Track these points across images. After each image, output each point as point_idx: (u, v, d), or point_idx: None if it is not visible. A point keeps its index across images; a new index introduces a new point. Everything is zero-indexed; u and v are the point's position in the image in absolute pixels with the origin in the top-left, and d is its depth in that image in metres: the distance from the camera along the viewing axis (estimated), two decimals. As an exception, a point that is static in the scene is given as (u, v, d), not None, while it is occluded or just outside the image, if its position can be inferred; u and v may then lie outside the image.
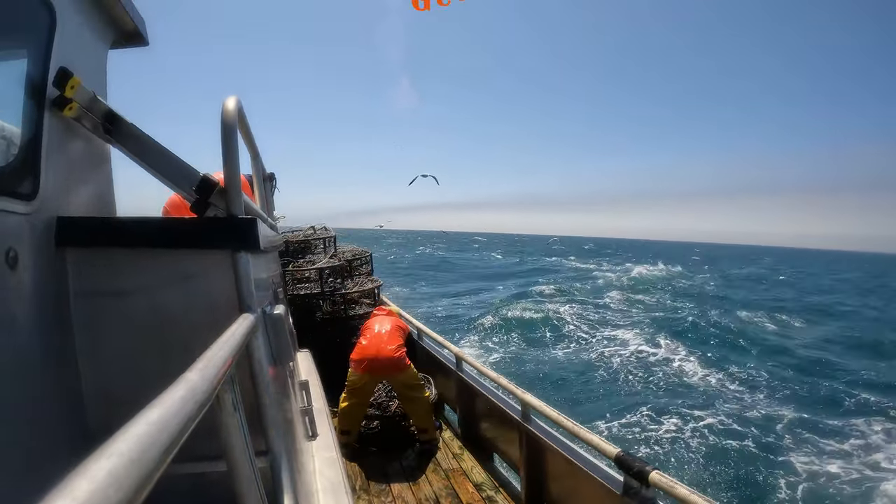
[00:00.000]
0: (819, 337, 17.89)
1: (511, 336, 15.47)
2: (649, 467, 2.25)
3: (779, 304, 25.95)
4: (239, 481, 0.78)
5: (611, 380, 11.70)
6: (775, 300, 28.00)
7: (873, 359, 14.77)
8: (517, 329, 16.09)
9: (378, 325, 4.35)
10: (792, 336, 17.85)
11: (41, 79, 1.27)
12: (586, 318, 18.48)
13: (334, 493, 1.71)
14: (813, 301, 29.38)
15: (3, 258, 1.09)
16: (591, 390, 10.96)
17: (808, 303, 28.28)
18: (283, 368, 1.67)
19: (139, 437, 0.33)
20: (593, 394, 10.77)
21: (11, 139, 1.22)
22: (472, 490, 3.65)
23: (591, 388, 11.08)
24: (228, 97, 1.21)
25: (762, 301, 26.75)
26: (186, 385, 0.48)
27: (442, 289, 28.04)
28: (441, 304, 21.89)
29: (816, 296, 32.99)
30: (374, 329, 4.31)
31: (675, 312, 20.57)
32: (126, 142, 1.48)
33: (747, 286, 36.48)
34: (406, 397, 4.26)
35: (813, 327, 19.98)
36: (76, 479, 0.25)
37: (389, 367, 4.12)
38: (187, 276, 1.34)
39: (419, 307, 19.51)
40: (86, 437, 1.27)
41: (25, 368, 1.12)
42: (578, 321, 17.80)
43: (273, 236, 2.00)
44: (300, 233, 6.62)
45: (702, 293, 28.61)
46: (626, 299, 24.27)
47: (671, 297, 25.81)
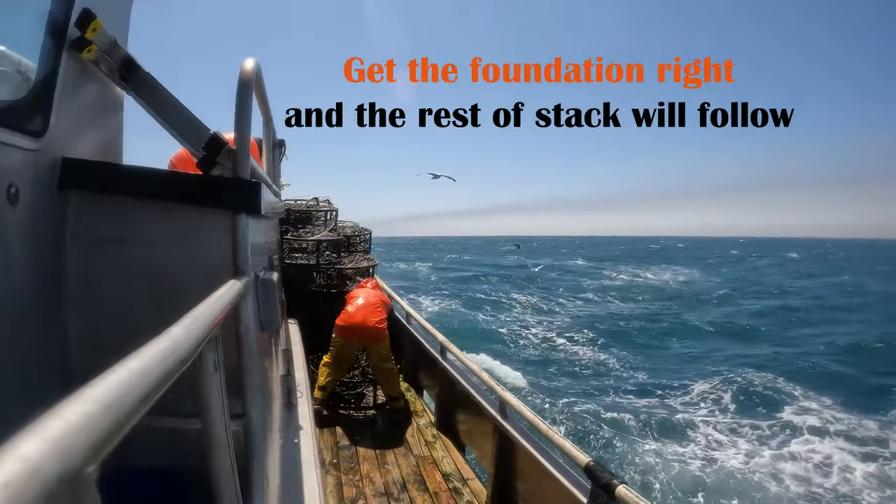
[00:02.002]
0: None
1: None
2: (616, 481, 2.26)
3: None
4: (211, 441, 0.79)
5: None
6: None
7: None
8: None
9: (364, 296, 4.67)
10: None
11: (63, 18, 1.26)
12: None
13: (305, 464, 1.73)
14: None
15: (4, 193, 1.08)
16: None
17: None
18: (269, 335, 1.68)
19: (118, 384, 0.33)
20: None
21: (27, 74, 1.21)
22: (439, 479, 3.69)
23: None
24: (248, 59, 1.20)
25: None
26: (170, 339, 0.48)
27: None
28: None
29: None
30: (359, 299, 4.63)
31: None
32: (141, 90, 1.47)
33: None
34: (379, 368, 4.61)
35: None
36: (49, 419, 0.25)
37: (371, 336, 4.46)
38: (186, 232, 1.34)
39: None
40: (68, 382, 1.27)
41: (15, 308, 1.12)
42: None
43: (275, 202, 2.00)
44: (303, 202, 6.60)
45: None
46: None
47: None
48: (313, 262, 5.65)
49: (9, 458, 0.21)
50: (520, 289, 28.69)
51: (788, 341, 16.54)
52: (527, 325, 18.54)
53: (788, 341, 16.54)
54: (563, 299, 25.80)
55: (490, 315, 20.57)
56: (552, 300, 25.32)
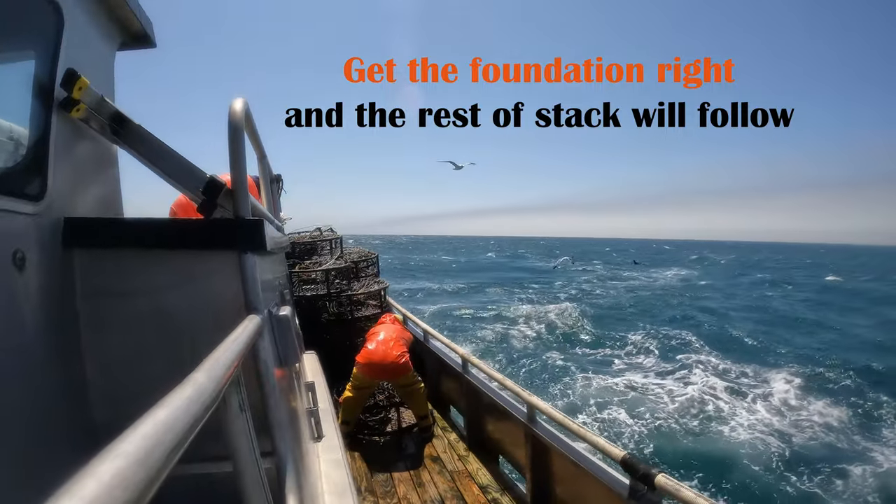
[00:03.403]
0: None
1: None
2: (655, 470, 2.23)
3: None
4: (245, 482, 0.78)
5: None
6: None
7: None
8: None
9: (384, 332, 4.62)
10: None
11: (49, 80, 1.27)
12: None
13: (340, 494, 1.71)
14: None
15: (10, 259, 1.09)
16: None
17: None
18: (290, 369, 1.67)
19: (146, 437, 0.33)
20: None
21: (19, 140, 1.23)
22: (477, 492, 3.64)
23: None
24: (236, 99, 1.22)
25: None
26: (193, 386, 0.48)
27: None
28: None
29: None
30: (380, 335, 4.57)
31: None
32: (134, 143, 1.49)
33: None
34: (406, 393, 4.60)
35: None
36: (83, 479, 0.25)
37: (393, 371, 4.41)
38: (194, 277, 1.34)
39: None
40: (92, 438, 1.27)
41: (32, 369, 1.13)
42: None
43: (280, 237, 2.01)
44: (307, 234, 6.64)
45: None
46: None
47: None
48: (324, 292, 5.66)
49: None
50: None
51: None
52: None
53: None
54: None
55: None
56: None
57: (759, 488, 7.31)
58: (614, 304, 24.86)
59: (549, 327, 18.12)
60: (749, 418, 9.83)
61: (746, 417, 9.87)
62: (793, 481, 7.51)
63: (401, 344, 4.53)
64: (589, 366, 13.23)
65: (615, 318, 20.56)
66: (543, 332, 17.53)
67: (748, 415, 10.02)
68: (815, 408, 10.35)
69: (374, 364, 4.36)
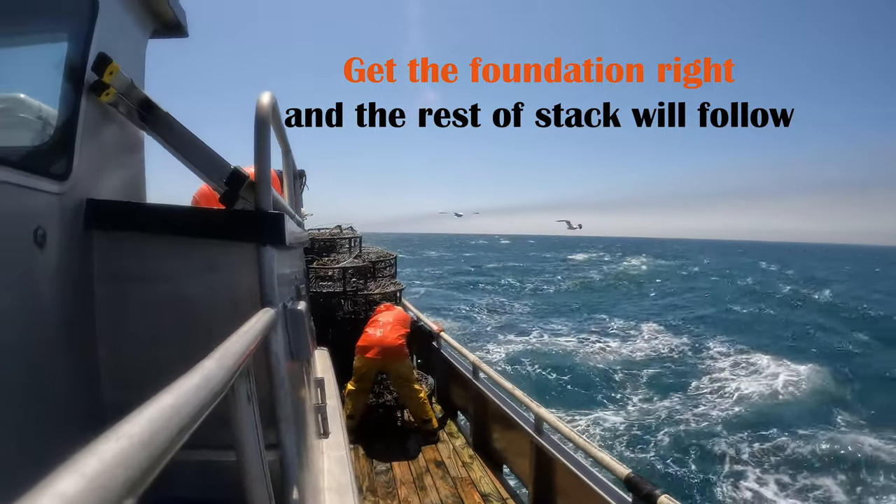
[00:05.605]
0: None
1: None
2: (658, 490, 2.20)
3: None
4: (247, 473, 0.79)
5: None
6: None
7: None
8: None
9: (383, 317, 4.78)
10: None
11: (80, 63, 1.30)
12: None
13: (341, 492, 1.71)
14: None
15: (32, 236, 1.11)
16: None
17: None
18: (300, 364, 1.68)
19: (151, 420, 0.33)
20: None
21: (48, 120, 1.25)
22: (478, 500, 3.61)
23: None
24: (263, 93, 1.23)
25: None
26: (202, 373, 0.49)
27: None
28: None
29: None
30: (378, 321, 4.74)
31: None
32: (160, 130, 1.51)
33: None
34: (403, 389, 4.64)
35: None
36: (85, 456, 0.25)
37: (390, 354, 4.48)
38: (212, 267, 1.36)
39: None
40: (101, 419, 1.29)
41: (46, 347, 1.15)
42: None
43: (299, 233, 2.03)
44: (326, 231, 6.70)
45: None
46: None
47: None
48: (340, 290, 5.70)
49: (46, 494, 0.22)
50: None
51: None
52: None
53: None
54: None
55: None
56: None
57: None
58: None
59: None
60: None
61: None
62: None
63: (399, 326, 4.65)
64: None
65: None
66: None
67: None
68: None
69: (370, 346, 4.45)
